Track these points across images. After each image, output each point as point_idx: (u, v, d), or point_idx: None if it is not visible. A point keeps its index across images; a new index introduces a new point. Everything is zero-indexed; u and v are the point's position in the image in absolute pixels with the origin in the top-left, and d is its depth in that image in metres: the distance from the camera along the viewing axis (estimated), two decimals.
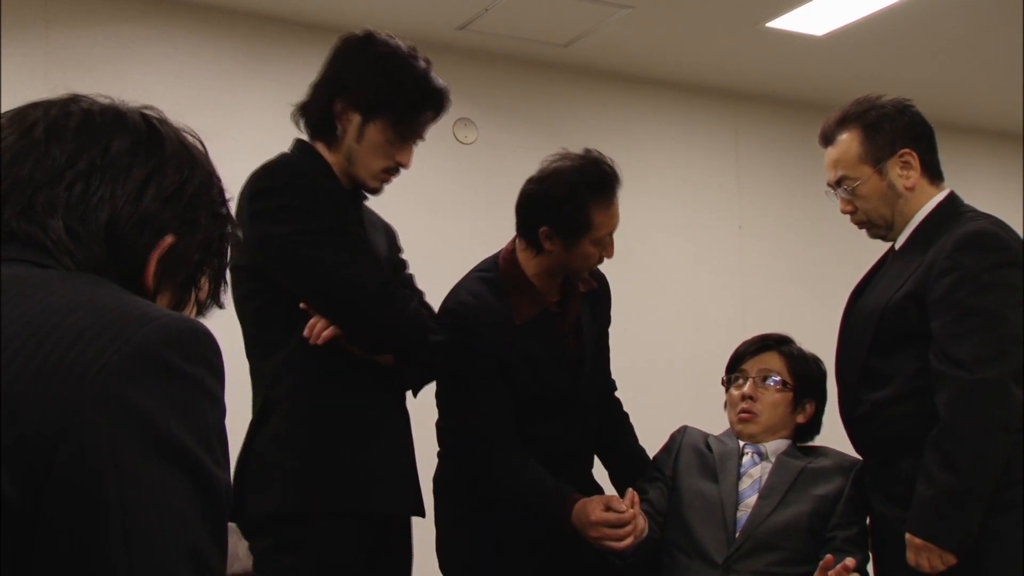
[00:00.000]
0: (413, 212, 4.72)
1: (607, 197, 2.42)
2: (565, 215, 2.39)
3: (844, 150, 2.37)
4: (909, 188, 2.35)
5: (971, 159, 6.37)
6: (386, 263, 2.29)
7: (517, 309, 2.46)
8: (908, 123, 2.38)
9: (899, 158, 2.35)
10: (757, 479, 2.44)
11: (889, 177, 2.35)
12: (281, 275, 2.14)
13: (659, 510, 2.47)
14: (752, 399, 2.49)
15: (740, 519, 2.38)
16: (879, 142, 2.35)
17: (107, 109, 1.07)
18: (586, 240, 2.42)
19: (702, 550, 2.37)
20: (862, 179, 2.35)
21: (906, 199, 2.36)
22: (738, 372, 2.55)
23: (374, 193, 2.28)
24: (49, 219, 1.00)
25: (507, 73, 5.13)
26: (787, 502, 2.37)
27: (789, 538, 2.34)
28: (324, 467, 2.11)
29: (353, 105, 2.17)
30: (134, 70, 4.32)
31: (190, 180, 1.07)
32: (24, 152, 1.02)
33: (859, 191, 2.36)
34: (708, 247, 5.46)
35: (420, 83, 2.20)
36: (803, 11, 4.63)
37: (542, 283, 2.50)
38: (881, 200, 2.36)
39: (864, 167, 2.35)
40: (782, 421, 2.50)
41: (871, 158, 2.35)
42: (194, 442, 0.90)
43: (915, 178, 2.35)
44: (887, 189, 2.35)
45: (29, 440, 0.85)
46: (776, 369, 2.52)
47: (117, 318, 0.90)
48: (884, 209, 2.37)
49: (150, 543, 0.86)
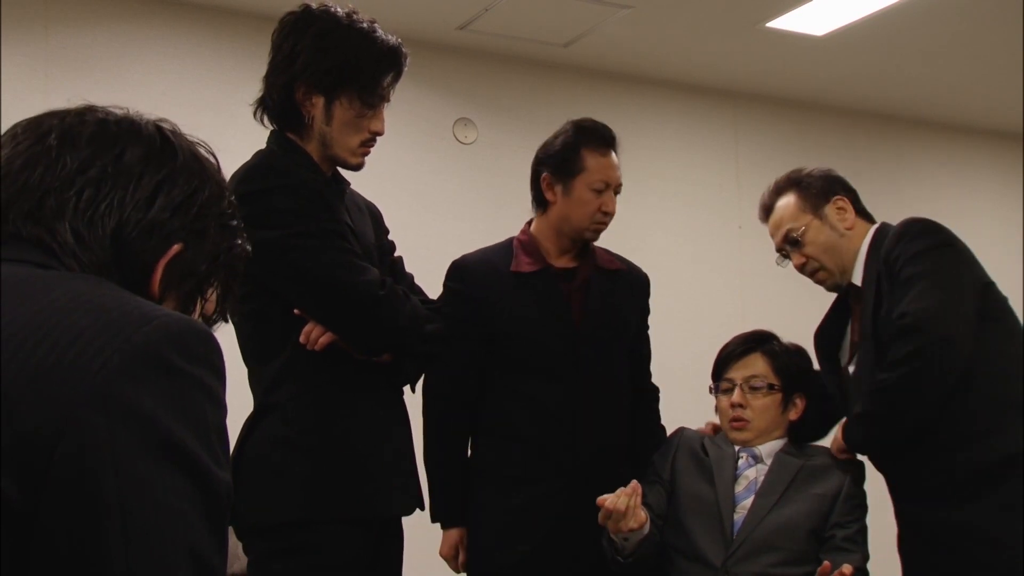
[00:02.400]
0: (413, 212, 4.72)
1: (599, 142, 2.60)
2: (560, 156, 2.59)
3: (784, 208, 2.60)
4: (848, 228, 2.55)
5: (971, 159, 6.37)
6: (374, 249, 2.27)
7: (517, 260, 2.60)
8: (835, 179, 2.63)
9: (834, 204, 2.56)
10: (753, 480, 2.44)
11: (829, 220, 2.55)
12: (273, 280, 2.10)
13: (658, 513, 2.47)
14: (742, 407, 2.50)
15: (737, 521, 2.38)
16: (813, 193, 2.58)
17: (122, 119, 1.08)
18: (581, 182, 2.56)
19: (700, 553, 2.37)
20: (805, 226, 2.55)
21: (848, 238, 2.54)
22: (725, 380, 2.55)
23: (356, 168, 2.23)
24: (56, 223, 1.00)
25: (507, 73, 5.13)
26: (785, 500, 2.37)
27: (787, 538, 2.34)
28: (333, 474, 2.09)
29: (314, 88, 2.12)
30: (134, 70, 4.32)
31: (200, 191, 1.08)
32: (36, 157, 1.03)
33: (805, 238, 2.55)
34: (708, 247, 5.46)
35: (373, 48, 2.14)
36: (803, 11, 4.63)
37: (551, 245, 2.62)
38: (826, 242, 2.54)
39: (805, 215, 2.56)
40: (774, 423, 2.51)
41: (809, 207, 2.57)
42: (194, 441, 0.90)
43: (851, 219, 2.56)
44: (829, 231, 2.54)
45: (28, 439, 0.85)
46: (762, 372, 2.53)
47: (118, 317, 0.91)
48: (831, 251, 2.54)
49: (149, 542, 0.86)
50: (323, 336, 2.09)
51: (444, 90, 4.98)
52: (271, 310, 2.12)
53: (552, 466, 2.52)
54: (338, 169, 2.26)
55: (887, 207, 6.02)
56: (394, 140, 4.69)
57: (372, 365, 2.16)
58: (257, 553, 2.13)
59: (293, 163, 2.16)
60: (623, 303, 2.68)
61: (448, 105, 4.99)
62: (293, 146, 2.18)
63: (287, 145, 2.18)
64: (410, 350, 2.20)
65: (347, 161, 2.20)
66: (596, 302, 2.61)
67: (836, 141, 5.94)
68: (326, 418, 2.11)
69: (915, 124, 6.17)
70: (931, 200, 6.20)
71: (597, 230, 2.61)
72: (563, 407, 2.53)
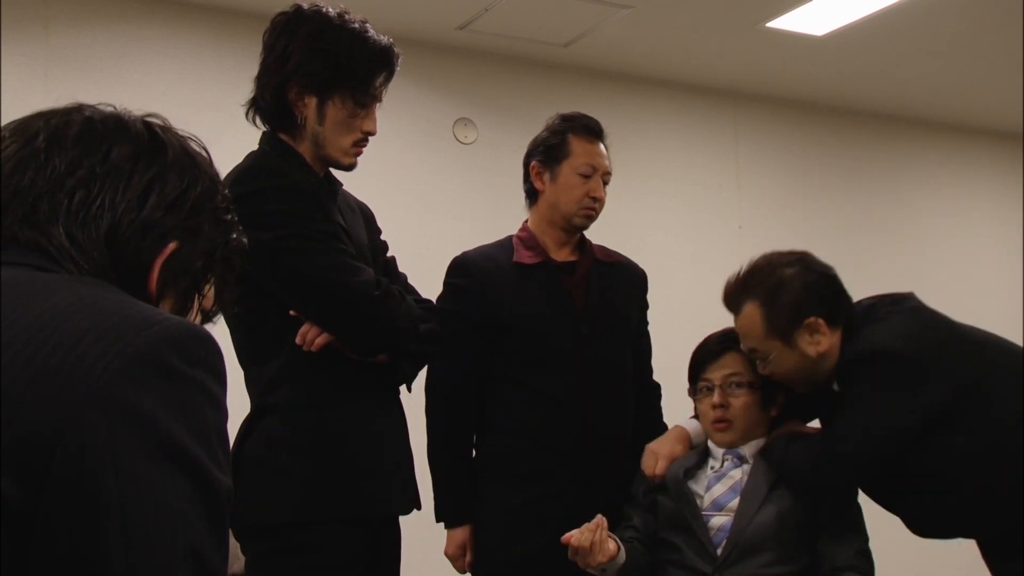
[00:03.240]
0: (413, 212, 4.73)
1: (584, 129, 2.64)
2: (546, 143, 2.66)
3: (749, 324, 2.35)
4: (822, 352, 2.30)
5: (971, 159, 6.37)
6: (367, 249, 2.27)
7: (518, 253, 2.63)
8: (806, 287, 2.32)
9: (806, 329, 2.30)
10: (738, 481, 2.41)
11: (799, 348, 2.31)
12: (267, 282, 2.10)
13: (647, 532, 2.45)
14: (724, 407, 2.45)
15: (725, 524, 2.36)
16: (782, 316, 2.30)
17: (109, 117, 1.07)
18: (567, 167, 2.61)
19: (691, 563, 2.36)
20: (773, 352, 2.33)
21: (822, 358, 2.32)
22: (703, 381, 2.50)
23: (349, 169, 2.23)
24: (51, 227, 1.00)
25: (507, 73, 5.13)
26: (772, 500, 2.35)
27: (777, 537, 2.31)
28: (331, 474, 2.09)
29: (307, 88, 2.12)
30: (134, 70, 4.32)
31: (192, 187, 1.07)
32: (25, 161, 1.03)
33: (771, 363, 2.35)
34: (708, 247, 5.46)
35: (365, 48, 2.14)
36: (803, 11, 4.64)
37: (548, 239, 2.65)
38: (795, 368, 2.33)
39: (772, 341, 2.32)
40: (757, 421, 2.46)
41: (777, 333, 2.31)
42: (194, 443, 0.90)
43: (826, 342, 2.30)
44: (799, 358, 2.32)
45: (29, 440, 0.85)
46: (740, 371, 2.46)
47: (119, 321, 0.91)
48: (800, 371, 2.34)
49: (149, 543, 0.86)
50: (319, 337, 2.08)
51: (444, 90, 4.98)
52: (267, 312, 2.11)
53: (559, 460, 2.52)
54: (330, 170, 2.26)
55: (887, 207, 6.06)
56: (394, 140, 4.71)
57: (369, 365, 2.16)
58: (255, 553, 2.13)
59: (286, 164, 2.15)
60: (623, 296, 2.70)
61: (448, 105, 4.99)
62: (285, 147, 2.18)
63: (279, 146, 2.18)
64: (406, 350, 2.20)
65: (339, 161, 2.20)
66: (597, 295, 2.63)
67: (836, 141, 5.95)
68: (324, 419, 2.11)
69: (915, 124, 6.17)
70: (931, 200, 6.21)
71: (587, 216, 2.62)
72: (569, 400, 2.54)
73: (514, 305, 2.56)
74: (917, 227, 6.08)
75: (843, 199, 5.90)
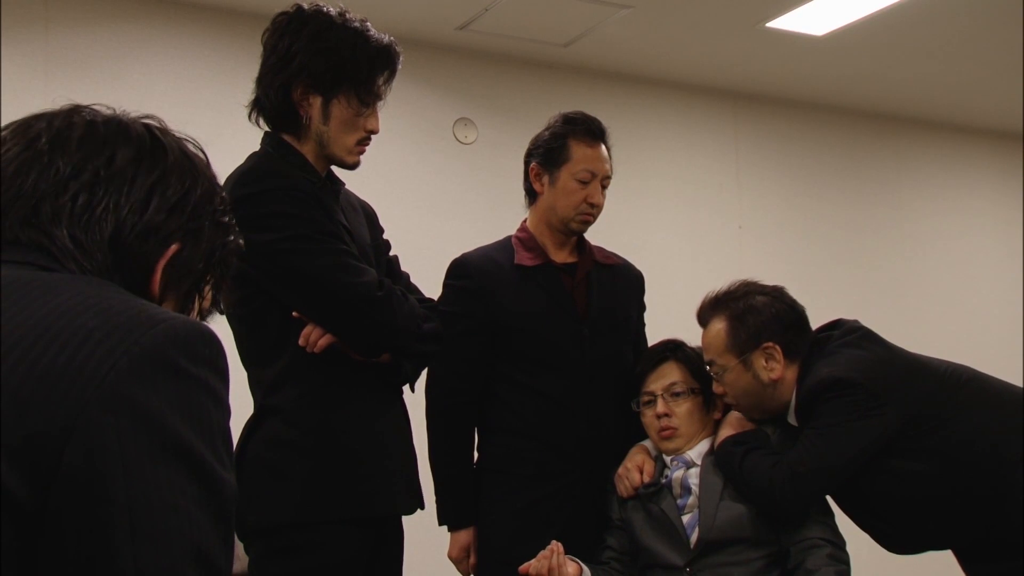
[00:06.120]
0: (413, 212, 4.73)
1: (585, 132, 2.62)
2: (547, 145, 2.63)
3: (713, 337, 2.47)
4: (774, 379, 2.42)
5: (971, 159, 6.38)
6: (369, 249, 2.27)
7: (519, 255, 2.63)
8: (774, 315, 2.45)
9: (763, 351, 2.42)
10: (689, 485, 2.45)
11: (753, 368, 2.42)
12: (270, 284, 2.10)
13: (623, 551, 2.50)
14: (668, 415, 2.50)
15: (691, 521, 2.40)
16: (743, 335, 2.43)
17: (110, 120, 1.08)
18: (566, 172, 2.59)
19: (666, 559, 2.39)
20: (728, 367, 2.44)
21: (774, 387, 2.43)
22: (645, 394, 2.55)
23: (352, 167, 2.23)
24: (54, 229, 1.01)
25: (507, 73, 5.13)
26: (727, 495, 2.39)
27: (741, 528, 2.37)
28: (334, 475, 2.09)
29: (312, 88, 2.13)
30: (134, 70, 4.33)
31: (193, 190, 1.08)
32: (28, 163, 1.03)
33: (725, 378, 2.45)
34: (708, 247, 5.46)
35: (368, 47, 2.15)
36: (803, 11, 4.64)
37: (547, 240, 2.65)
38: (745, 389, 2.44)
39: (730, 356, 2.44)
40: (700, 425, 2.53)
41: (736, 349, 2.44)
42: (200, 443, 0.91)
43: (779, 369, 2.42)
44: (752, 379, 2.43)
45: (37, 440, 0.85)
46: (680, 379, 2.54)
47: (126, 320, 0.91)
48: (749, 399, 2.45)
49: (156, 542, 0.87)
50: (322, 338, 2.08)
51: (444, 90, 4.98)
52: (269, 313, 2.12)
53: (563, 461, 2.53)
54: (332, 169, 2.26)
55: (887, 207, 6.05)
56: (394, 140, 4.71)
57: (371, 366, 2.17)
58: (259, 554, 2.12)
59: (287, 165, 2.16)
60: (623, 297, 2.71)
61: (448, 105, 4.99)
62: (287, 147, 2.18)
63: (281, 147, 2.18)
64: (409, 350, 2.20)
65: (344, 160, 2.21)
66: (598, 296, 2.64)
67: (836, 141, 5.95)
68: (327, 419, 2.11)
69: (915, 124, 6.17)
70: (931, 200, 6.21)
71: (584, 221, 2.63)
72: (571, 401, 2.55)
73: (515, 306, 2.56)
74: (917, 227, 6.08)
75: (843, 199, 5.91)
